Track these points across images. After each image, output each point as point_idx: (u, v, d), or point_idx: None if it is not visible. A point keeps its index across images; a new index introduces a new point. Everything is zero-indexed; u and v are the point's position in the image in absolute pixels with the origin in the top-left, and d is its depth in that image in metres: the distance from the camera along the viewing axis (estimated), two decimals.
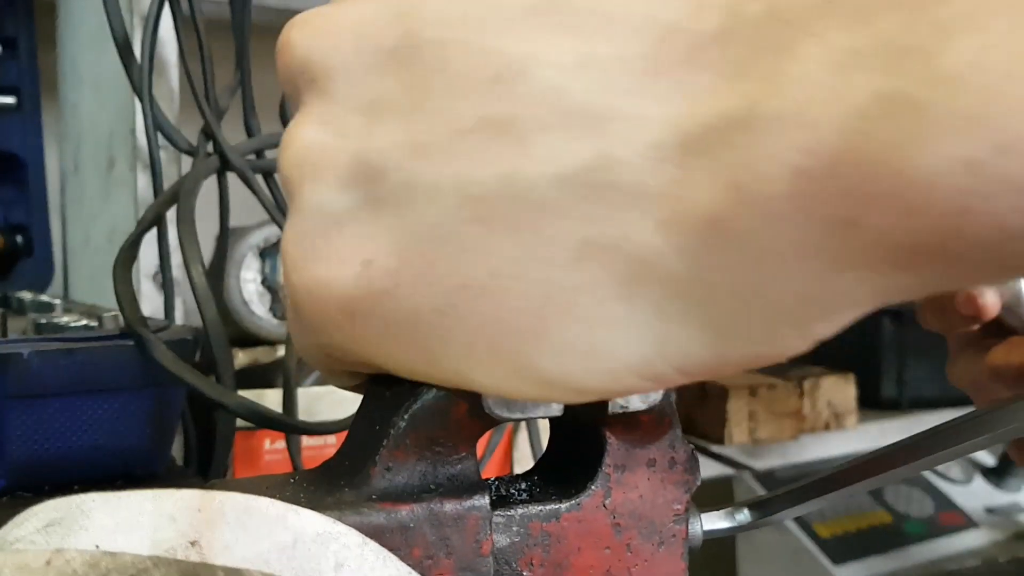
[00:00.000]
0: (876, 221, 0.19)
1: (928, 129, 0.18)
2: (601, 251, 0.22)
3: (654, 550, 0.29)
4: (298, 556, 0.23)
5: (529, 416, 0.27)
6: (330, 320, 0.26)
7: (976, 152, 0.17)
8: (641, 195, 0.21)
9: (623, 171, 0.21)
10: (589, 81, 0.22)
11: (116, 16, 0.60)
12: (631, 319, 0.22)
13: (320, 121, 0.26)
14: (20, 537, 0.23)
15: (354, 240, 0.25)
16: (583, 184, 0.22)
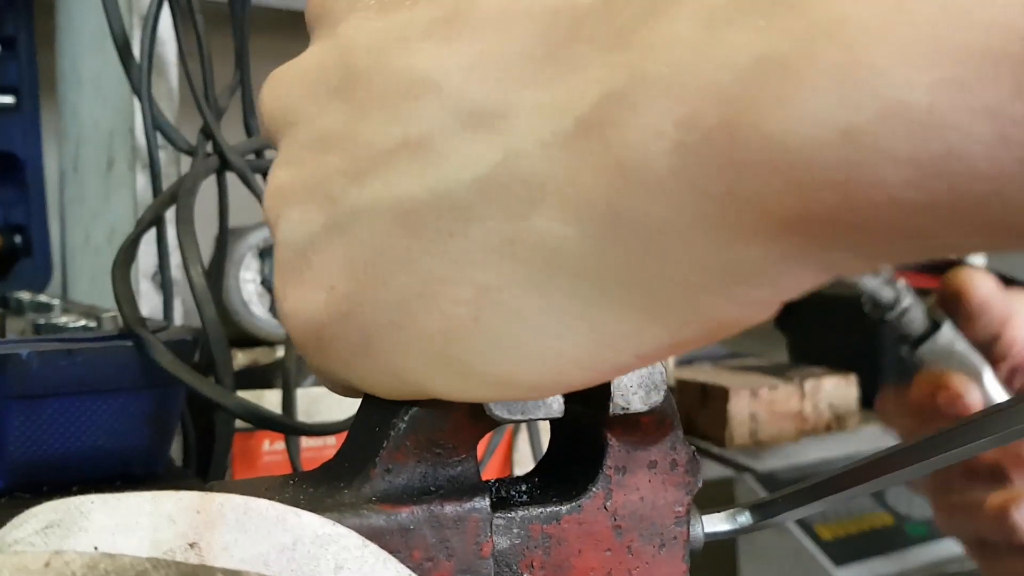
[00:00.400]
0: (759, 193, 0.18)
1: (801, 93, 0.17)
2: (519, 247, 0.22)
3: (655, 552, 0.29)
4: (297, 558, 0.23)
5: (529, 418, 0.27)
6: (307, 345, 0.27)
7: (853, 119, 0.16)
8: (545, 186, 0.21)
9: (526, 165, 0.22)
10: (487, 80, 0.22)
11: (115, 16, 0.60)
12: (557, 310, 0.22)
13: (285, 162, 0.28)
14: (19, 539, 0.23)
15: (319, 268, 0.26)
16: (497, 184, 0.22)
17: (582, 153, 0.20)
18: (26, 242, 0.93)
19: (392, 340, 0.25)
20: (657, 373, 0.28)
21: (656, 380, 0.28)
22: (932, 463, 0.29)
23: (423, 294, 0.24)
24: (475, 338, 0.24)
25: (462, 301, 0.23)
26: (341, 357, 0.27)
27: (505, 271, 0.23)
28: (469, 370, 0.24)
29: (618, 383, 0.27)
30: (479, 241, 0.23)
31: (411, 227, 0.24)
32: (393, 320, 0.25)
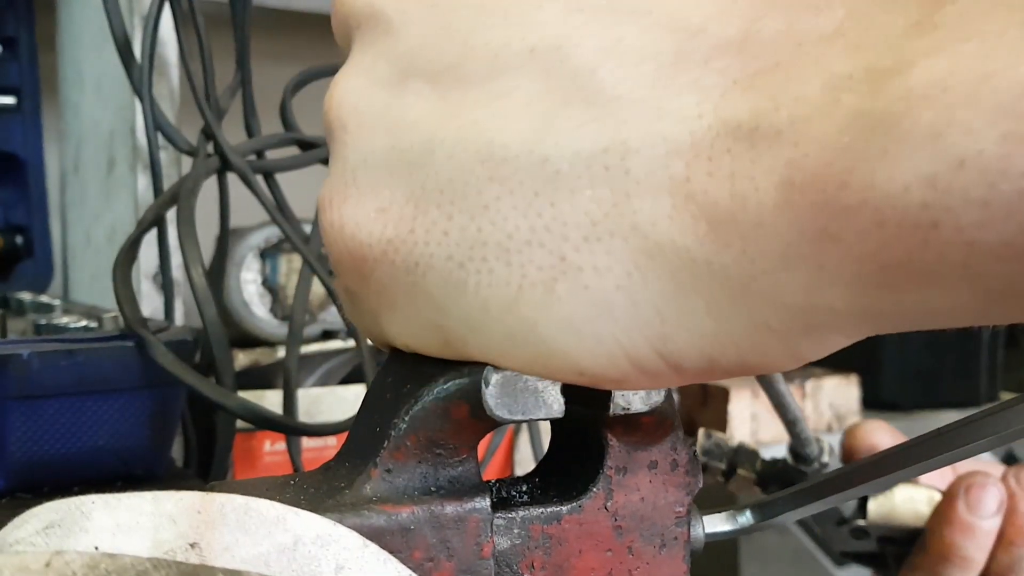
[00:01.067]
0: (851, 233, 0.20)
1: (896, 145, 0.19)
2: (609, 235, 0.23)
3: (656, 552, 0.29)
4: (298, 558, 0.23)
5: (530, 418, 0.27)
6: (349, 275, 0.27)
7: (936, 167, 0.18)
8: (651, 186, 0.22)
9: (636, 160, 0.22)
10: (617, 67, 0.23)
11: (116, 16, 0.60)
12: (635, 306, 0.23)
13: (360, 69, 0.27)
14: (20, 539, 0.23)
15: (373, 186, 0.26)
16: (598, 165, 0.23)
17: (696, 169, 0.22)
18: (27, 242, 0.93)
19: (451, 275, 0.25)
20: None
21: None
22: (933, 463, 0.29)
23: (502, 244, 0.24)
24: (548, 309, 0.24)
25: (544, 267, 0.23)
26: (382, 286, 0.26)
27: (592, 255, 0.23)
28: (527, 333, 0.24)
29: None
30: (567, 213, 0.23)
31: (499, 174, 0.24)
32: (453, 256, 0.25)
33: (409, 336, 0.27)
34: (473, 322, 0.25)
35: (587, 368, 0.24)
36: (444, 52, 0.25)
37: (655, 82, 0.22)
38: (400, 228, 0.25)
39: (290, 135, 0.67)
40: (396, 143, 0.26)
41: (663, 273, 0.22)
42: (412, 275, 0.25)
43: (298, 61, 0.71)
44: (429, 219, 0.25)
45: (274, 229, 0.86)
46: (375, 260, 0.26)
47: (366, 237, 0.26)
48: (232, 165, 0.61)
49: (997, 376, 1.34)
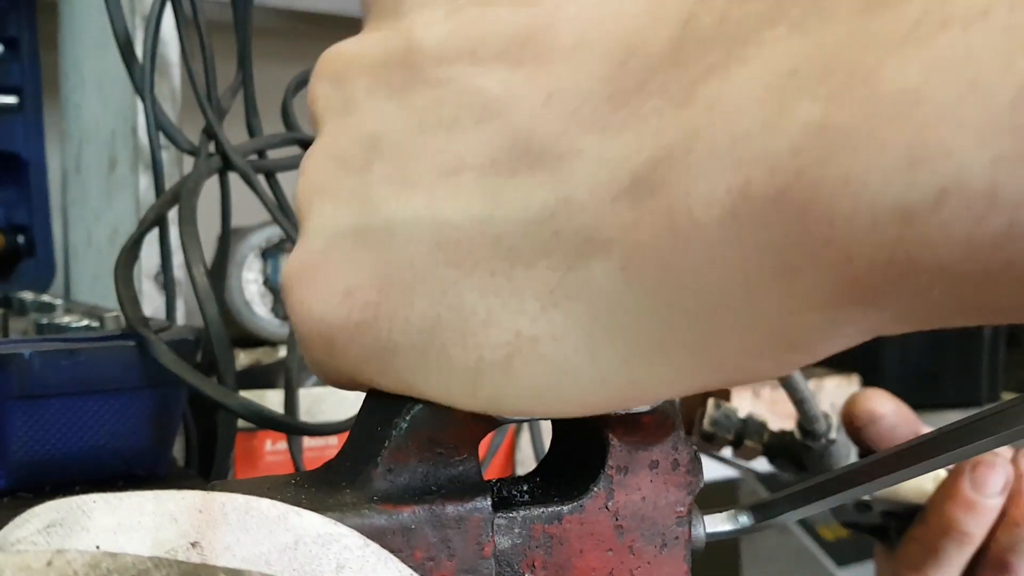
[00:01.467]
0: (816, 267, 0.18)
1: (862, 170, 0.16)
2: (566, 299, 0.22)
3: (657, 552, 0.29)
4: (299, 557, 0.23)
5: (531, 418, 0.27)
6: (314, 346, 0.27)
7: (911, 198, 0.16)
8: (601, 240, 0.21)
9: (582, 216, 0.21)
10: (554, 120, 0.22)
11: (118, 16, 0.60)
12: (596, 364, 0.22)
13: (327, 151, 0.27)
14: (21, 538, 0.23)
15: (340, 268, 0.26)
16: (549, 231, 0.22)
17: (637, 210, 0.20)
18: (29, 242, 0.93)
19: (414, 360, 0.25)
20: None
21: None
22: (935, 462, 0.29)
23: (458, 328, 0.24)
24: (505, 384, 0.24)
25: (500, 345, 0.23)
26: (357, 364, 0.26)
27: (549, 323, 0.22)
28: (496, 401, 0.24)
29: None
30: (524, 285, 0.22)
31: (454, 256, 0.23)
32: (417, 343, 0.24)
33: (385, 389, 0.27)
34: (444, 393, 0.25)
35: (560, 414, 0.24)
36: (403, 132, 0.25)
37: (593, 126, 0.21)
38: (366, 313, 0.25)
39: (292, 135, 0.67)
40: (361, 225, 0.25)
41: (624, 327, 0.21)
42: (380, 356, 0.25)
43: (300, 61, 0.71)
44: (392, 305, 0.25)
45: (276, 229, 0.86)
46: (344, 342, 0.26)
47: (333, 320, 0.26)
48: (234, 165, 0.61)
49: (999, 376, 1.34)
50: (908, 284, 0.17)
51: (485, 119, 0.23)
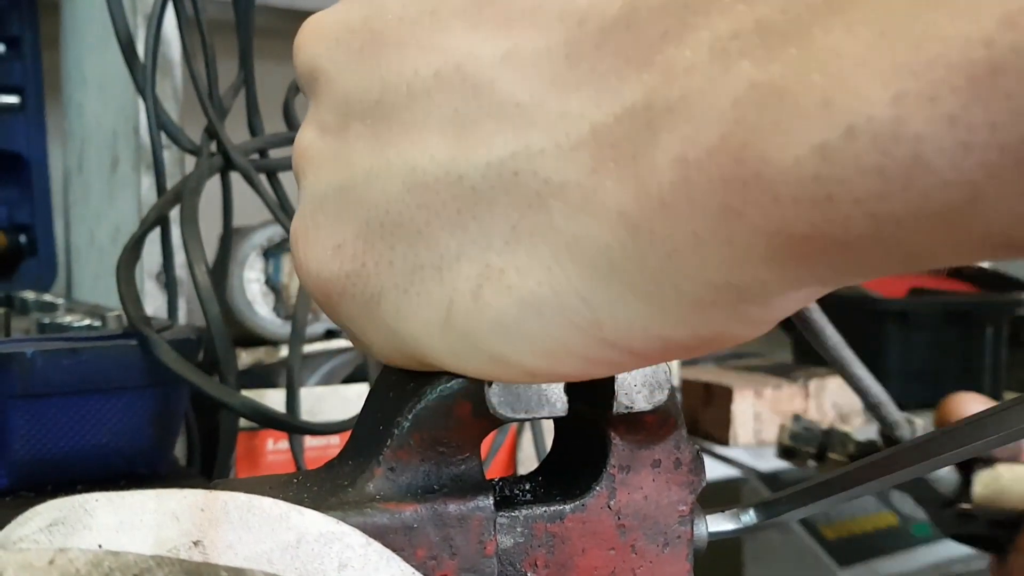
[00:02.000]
0: (752, 208, 0.19)
1: (787, 116, 0.18)
2: (528, 235, 0.23)
3: (659, 551, 0.29)
4: (301, 556, 0.23)
5: (533, 416, 0.27)
6: (321, 301, 0.29)
7: (827, 136, 0.17)
8: (562, 186, 0.22)
9: (542, 161, 0.22)
10: (515, 74, 0.23)
11: (120, 16, 0.60)
12: (560, 299, 0.23)
13: (312, 120, 0.29)
14: (23, 536, 0.23)
15: (331, 226, 0.27)
16: (511, 173, 0.23)
17: (601, 162, 0.21)
18: (31, 242, 0.93)
19: (396, 304, 0.26)
20: (661, 372, 0.28)
21: (660, 379, 0.28)
22: (937, 462, 0.29)
23: (435, 264, 0.25)
24: (476, 314, 0.24)
25: (471, 276, 0.24)
26: (350, 315, 0.28)
27: (514, 257, 0.23)
28: (467, 344, 0.25)
29: (622, 382, 0.27)
30: (488, 223, 0.24)
31: (425, 200, 0.25)
32: (399, 284, 0.26)
33: (383, 356, 0.28)
34: (421, 343, 0.26)
35: (533, 368, 0.24)
36: (369, 91, 0.26)
37: (553, 81, 0.22)
38: (355, 263, 0.27)
39: (293, 134, 0.67)
40: (343, 183, 0.27)
41: (582, 264, 0.22)
42: (369, 306, 0.27)
43: None
44: (376, 252, 0.26)
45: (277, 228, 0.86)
46: (339, 295, 0.27)
47: (327, 274, 0.27)
48: (235, 164, 0.61)
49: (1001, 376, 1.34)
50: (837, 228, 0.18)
51: (445, 73, 0.24)
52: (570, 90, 0.22)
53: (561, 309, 0.23)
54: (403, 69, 0.25)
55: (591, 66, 0.22)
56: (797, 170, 0.18)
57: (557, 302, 0.23)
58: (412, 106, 0.25)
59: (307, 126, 0.29)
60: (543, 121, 0.22)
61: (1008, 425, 0.28)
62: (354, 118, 0.27)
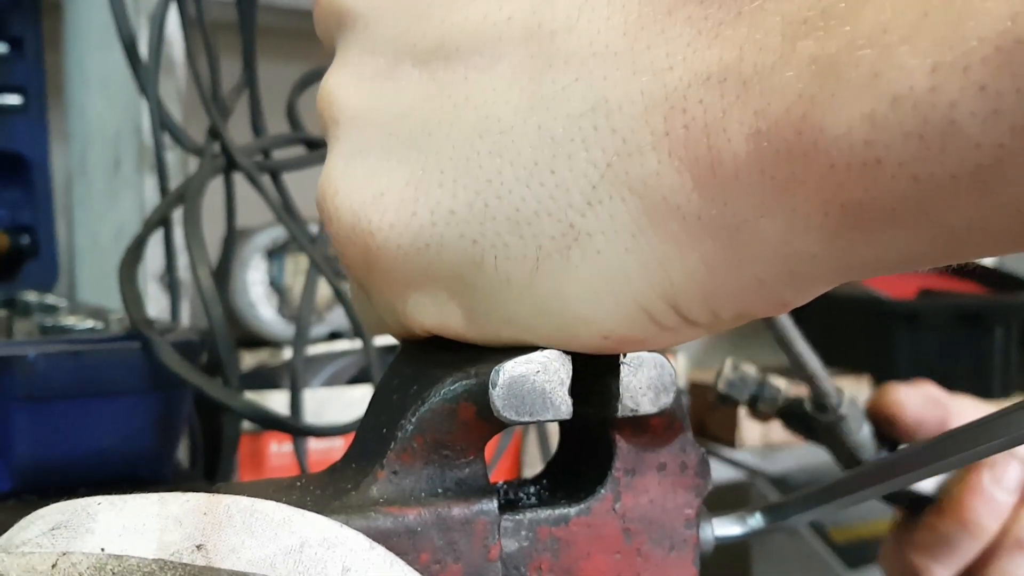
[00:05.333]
0: (812, 177, 0.20)
1: (841, 88, 0.19)
2: (609, 197, 0.23)
3: (665, 555, 0.29)
4: (304, 560, 0.23)
5: (537, 419, 0.27)
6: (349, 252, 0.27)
7: (874, 105, 0.19)
8: (636, 143, 0.23)
9: (619, 118, 0.23)
10: (589, 23, 0.23)
11: (122, 16, 0.60)
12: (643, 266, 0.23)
13: (347, 65, 0.28)
14: (26, 540, 0.23)
15: (372, 174, 0.26)
16: (588, 126, 0.23)
17: (670, 124, 0.22)
18: (33, 243, 0.93)
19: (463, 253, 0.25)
20: (666, 375, 0.27)
21: (666, 382, 0.27)
22: (946, 464, 0.29)
23: (510, 216, 0.24)
24: (566, 274, 0.24)
25: (556, 236, 0.24)
26: (394, 279, 0.27)
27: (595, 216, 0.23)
28: (553, 306, 0.25)
29: (627, 384, 0.27)
30: (567, 179, 0.23)
31: (498, 147, 0.24)
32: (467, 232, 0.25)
33: (429, 317, 0.27)
34: (497, 297, 0.25)
35: (612, 330, 0.25)
36: (425, 34, 0.26)
37: (625, 35, 0.23)
38: (401, 212, 0.26)
39: (297, 134, 0.67)
40: (391, 128, 0.26)
41: (663, 232, 0.23)
42: (424, 255, 0.26)
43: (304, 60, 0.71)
44: (433, 199, 0.25)
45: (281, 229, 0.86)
46: (379, 247, 0.26)
47: (366, 224, 0.26)
48: (238, 165, 0.61)
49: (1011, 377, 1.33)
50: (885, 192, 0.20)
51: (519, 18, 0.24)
52: (641, 48, 0.23)
53: (647, 277, 0.23)
54: (469, 12, 0.25)
55: (661, 28, 0.22)
56: (849, 137, 0.19)
57: (643, 270, 0.23)
58: (482, 50, 0.25)
59: (339, 72, 0.28)
60: (618, 75, 0.23)
61: (1015, 428, 0.27)
62: (404, 62, 0.26)
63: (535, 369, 0.26)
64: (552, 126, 0.24)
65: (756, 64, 0.21)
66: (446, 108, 0.25)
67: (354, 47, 0.28)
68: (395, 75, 0.26)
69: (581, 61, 0.23)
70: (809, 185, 0.20)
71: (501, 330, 0.26)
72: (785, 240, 0.22)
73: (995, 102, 0.18)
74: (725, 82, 0.21)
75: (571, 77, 0.23)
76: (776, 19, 0.21)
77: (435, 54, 0.26)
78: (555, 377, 0.26)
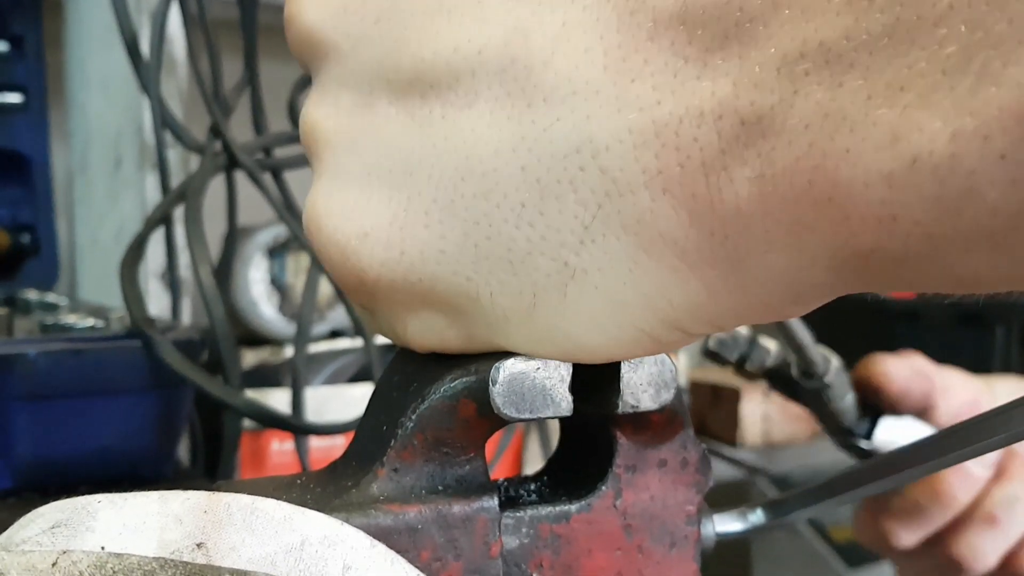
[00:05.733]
0: (823, 224, 0.20)
1: (858, 145, 0.19)
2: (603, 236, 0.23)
3: (666, 552, 0.29)
4: (305, 558, 0.23)
5: (538, 416, 0.27)
6: (348, 284, 0.27)
7: (894, 167, 0.19)
8: (627, 182, 0.22)
9: (607, 158, 0.22)
10: (567, 57, 0.22)
11: (124, 14, 0.60)
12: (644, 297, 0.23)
13: (324, 97, 0.27)
14: (27, 538, 0.23)
15: (357, 211, 0.26)
16: (574, 167, 0.22)
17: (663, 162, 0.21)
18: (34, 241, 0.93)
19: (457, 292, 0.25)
20: (667, 371, 0.27)
21: (666, 378, 0.27)
22: (945, 460, 0.29)
23: (502, 256, 0.24)
24: (566, 309, 0.24)
25: (551, 273, 0.24)
26: (394, 307, 0.27)
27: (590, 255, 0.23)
28: (553, 333, 0.24)
29: (627, 381, 0.27)
30: (557, 220, 0.23)
31: (483, 190, 0.23)
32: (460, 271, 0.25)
33: (429, 338, 0.27)
34: (495, 328, 0.25)
35: (615, 353, 0.25)
36: (399, 67, 0.25)
37: (606, 69, 0.22)
38: (390, 251, 0.25)
39: (298, 132, 0.67)
40: (371, 166, 0.25)
41: (661, 264, 0.22)
42: (418, 288, 0.25)
43: None
44: (420, 240, 0.25)
45: (282, 227, 0.86)
46: (373, 281, 0.26)
47: (356, 261, 0.26)
48: (240, 163, 0.61)
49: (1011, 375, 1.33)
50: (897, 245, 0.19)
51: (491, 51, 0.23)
52: (625, 82, 0.21)
53: (648, 305, 0.23)
54: (439, 45, 0.24)
55: (644, 58, 0.21)
56: (866, 194, 0.19)
57: (644, 300, 0.23)
58: (456, 86, 0.24)
59: (318, 102, 0.27)
60: (603, 113, 0.22)
61: (1015, 424, 0.27)
62: (380, 96, 0.25)
63: (535, 366, 0.26)
64: (536, 168, 0.23)
65: (754, 103, 0.20)
66: (426, 147, 0.24)
67: (330, 79, 0.27)
68: (372, 110, 0.25)
69: (561, 99, 0.22)
70: (818, 231, 0.20)
71: (503, 349, 0.26)
72: (792, 273, 0.22)
73: (1015, 172, 0.17)
74: (721, 120, 0.20)
75: (552, 117, 0.22)
76: (769, 51, 0.20)
77: (410, 90, 0.24)
78: (555, 374, 0.26)
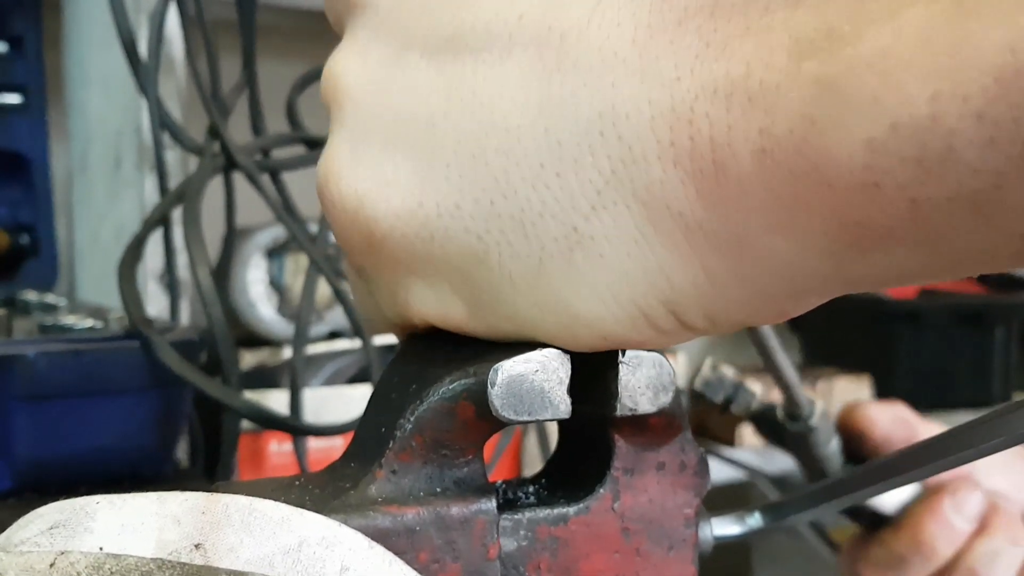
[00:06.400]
0: (815, 197, 0.21)
1: (842, 112, 0.19)
2: (614, 203, 0.23)
3: (664, 555, 0.29)
4: (303, 559, 0.23)
5: (536, 419, 0.27)
6: (353, 238, 0.27)
7: (874, 131, 0.19)
8: (642, 151, 0.22)
9: (626, 126, 0.23)
10: (600, 29, 0.23)
11: (122, 15, 0.60)
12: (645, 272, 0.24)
13: (354, 49, 0.28)
14: (25, 539, 0.23)
15: (377, 161, 0.26)
16: (595, 132, 0.23)
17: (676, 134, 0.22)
18: (33, 242, 0.93)
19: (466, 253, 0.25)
20: (665, 374, 0.27)
21: (664, 381, 0.27)
22: (945, 463, 0.29)
23: (515, 216, 0.24)
24: (569, 276, 0.24)
25: (559, 238, 0.24)
26: (398, 265, 0.27)
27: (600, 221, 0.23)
28: (556, 306, 0.25)
29: (626, 383, 0.27)
30: (572, 183, 0.23)
31: (505, 146, 0.24)
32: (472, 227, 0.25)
33: (431, 307, 0.27)
34: (499, 293, 0.25)
35: (612, 332, 0.25)
36: (436, 26, 0.26)
37: (634, 43, 0.23)
38: (407, 201, 0.26)
39: (297, 134, 0.67)
40: (397, 117, 0.26)
41: (666, 240, 0.23)
42: (428, 245, 0.26)
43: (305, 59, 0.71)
44: (439, 192, 0.25)
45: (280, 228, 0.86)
46: (383, 234, 0.26)
47: (371, 211, 0.26)
48: (238, 164, 0.61)
49: (1011, 376, 1.33)
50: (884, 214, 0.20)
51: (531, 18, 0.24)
52: (650, 57, 0.22)
53: (649, 281, 0.24)
54: (481, 9, 0.25)
55: (671, 39, 0.22)
56: (849, 161, 0.20)
57: (645, 275, 0.24)
58: (491, 47, 0.25)
59: (346, 53, 0.28)
60: (626, 83, 0.23)
61: (1015, 427, 0.27)
62: (412, 51, 0.26)
63: (534, 368, 0.26)
64: (559, 130, 0.23)
65: (762, 81, 0.21)
66: (452, 102, 0.25)
67: (362, 31, 0.27)
68: (402, 64, 0.26)
69: (590, 66, 0.23)
70: (811, 205, 0.21)
71: (502, 324, 0.26)
72: (788, 256, 0.22)
73: (992, 131, 0.18)
74: (731, 97, 0.21)
75: (579, 82, 0.23)
76: (783, 37, 0.21)
77: (444, 47, 0.25)
78: (554, 376, 0.26)
